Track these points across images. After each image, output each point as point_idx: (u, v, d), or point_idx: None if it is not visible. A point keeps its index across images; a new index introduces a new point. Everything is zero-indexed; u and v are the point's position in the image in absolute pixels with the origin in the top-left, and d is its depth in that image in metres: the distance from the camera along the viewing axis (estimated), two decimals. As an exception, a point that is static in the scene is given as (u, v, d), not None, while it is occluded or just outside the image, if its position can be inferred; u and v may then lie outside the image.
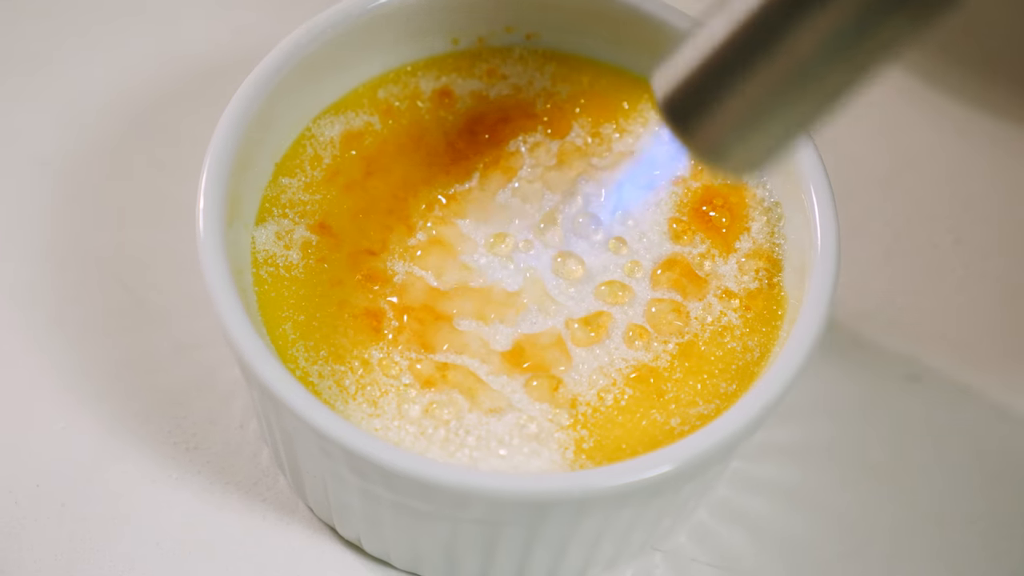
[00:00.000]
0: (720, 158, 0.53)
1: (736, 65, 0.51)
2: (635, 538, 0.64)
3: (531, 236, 0.65)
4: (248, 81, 0.63)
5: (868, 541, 0.68)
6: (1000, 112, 0.80)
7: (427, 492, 0.57)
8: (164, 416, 0.69)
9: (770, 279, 0.64)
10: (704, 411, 0.62)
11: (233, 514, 0.67)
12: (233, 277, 0.60)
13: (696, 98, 0.52)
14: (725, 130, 0.52)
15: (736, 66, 0.51)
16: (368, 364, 0.62)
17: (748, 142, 0.53)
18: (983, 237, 0.76)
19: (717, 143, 0.53)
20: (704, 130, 0.53)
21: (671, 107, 0.53)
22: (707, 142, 0.53)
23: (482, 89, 0.68)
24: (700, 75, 0.52)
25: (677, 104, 0.53)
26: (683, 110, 0.53)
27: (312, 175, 0.66)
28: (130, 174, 0.75)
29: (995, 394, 0.72)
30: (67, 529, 0.66)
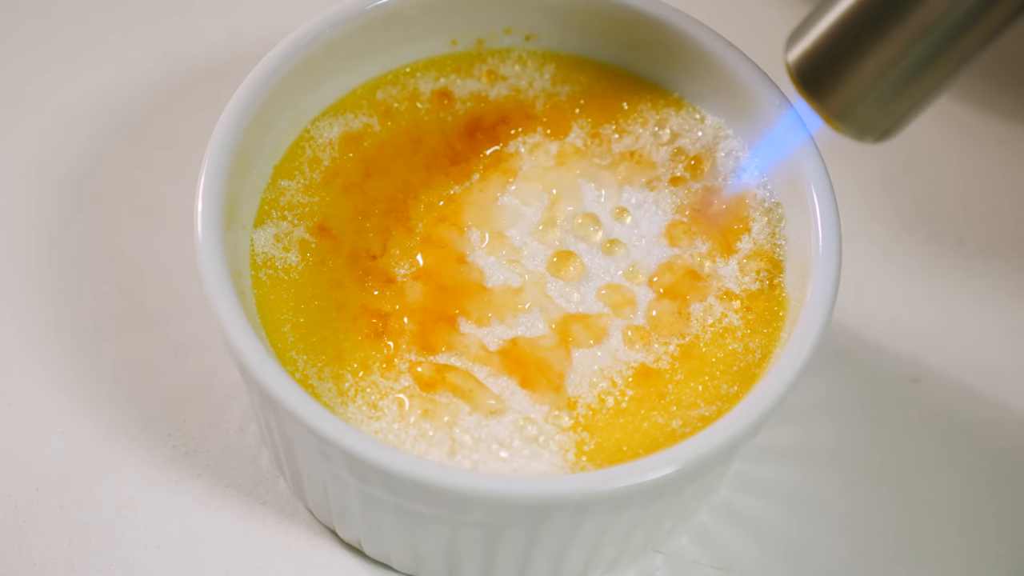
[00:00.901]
0: (854, 123, 0.56)
1: (868, 27, 0.54)
2: (636, 540, 0.64)
3: (530, 238, 0.65)
4: (246, 83, 0.63)
5: (869, 542, 0.68)
6: (1002, 112, 0.80)
7: (427, 495, 0.57)
8: (163, 419, 0.69)
9: (771, 280, 0.64)
10: (705, 413, 0.62)
11: (233, 517, 0.67)
12: (232, 280, 0.60)
13: (829, 62, 0.55)
14: (858, 94, 0.55)
15: (868, 28, 0.54)
16: (368, 366, 0.62)
17: (882, 105, 0.55)
18: (985, 238, 0.76)
19: (851, 107, 0.55)
20: (839, 99, 0.55)
21: (804, 73, 0.55)
22: (841, 106, 0.55)
23: (481, 90, 0.68)
24: (832, 39, 0.54)
25: (810, 69, 0.55)
26: (816, 75, 0.55)
27: (311, 177, 0.66)
28: (128, 177, 0.75)
29: (996, 395, 0.72)
30: (67, 533, 0.66)
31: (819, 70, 0.55)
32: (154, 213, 0.73)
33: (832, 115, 0.56)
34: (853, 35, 0.54)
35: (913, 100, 0.55)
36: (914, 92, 0.55)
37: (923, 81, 0.54)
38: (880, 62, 0.54)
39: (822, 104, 0.56)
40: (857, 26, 0.54)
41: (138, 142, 0.75)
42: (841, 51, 0.54)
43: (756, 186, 0.66)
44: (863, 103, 0.55)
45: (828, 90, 0.55)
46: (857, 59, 0.54)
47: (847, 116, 0.56)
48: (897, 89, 0.54)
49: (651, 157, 0.67)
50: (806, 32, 0.56)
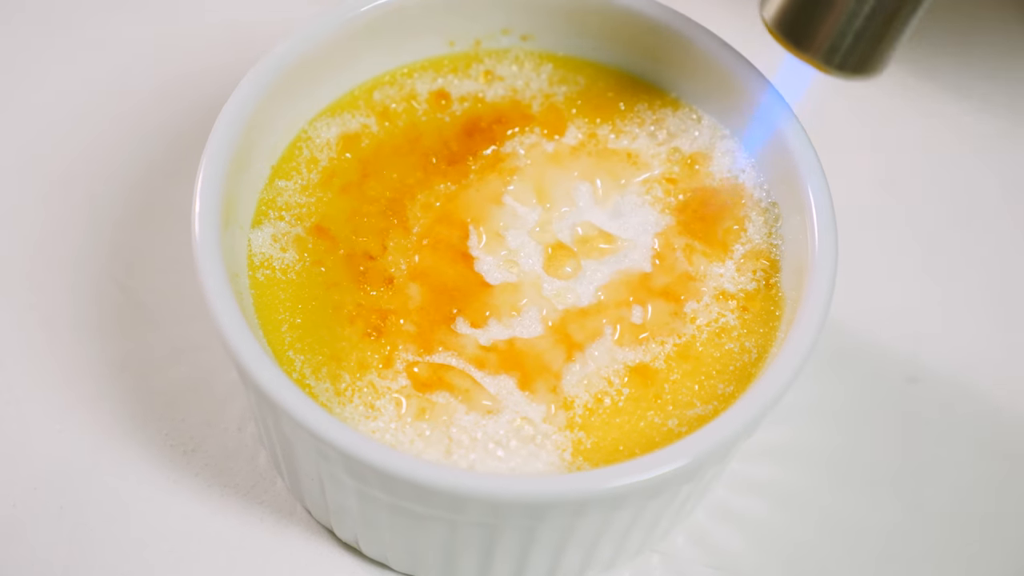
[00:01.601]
0: (842, 61, 0.57)
1: None
2: (633, 540, 0.64)
3: (527, 238, 0.65)
4: (244, 83, 0.63)
5: (865, 542, 0.68)
6: (1000, 111, 0.80)
7: (424, 495, 0.57)
8: (162, 419, 0.69)
9: (768, 280, 0.64)
10: (702, 412, 0.62)
11: (231, 516, 0.67)
12: (229, 280, 0.60)
13: (803, 9, 0.56)
14: (837, 31, 0.56)
15: None
16: (365, 366, 0.62)
17: (861, 40, 0.56)
18: (982, 238, 0.76)
19: (834, 47, 0.56)
20: (819, 38, 0.57)
21: (785, 28, 0.57)
22: (823, 48, 0.57)
23: (478, 91, 0.68)
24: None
25: (789, 23, 0.57)
26: (796, 27, 0.57)
27: (308, 177, 0.66)
28: (127, 177, 0.75)
29: (993, 395, 0.72)
30: (65, 532, 0.66)
31: (794, 16, 0.57)
32: (152, 213, 0.74)
33: (817, 56, 0.57)
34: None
35: (887, 27, 0.56)
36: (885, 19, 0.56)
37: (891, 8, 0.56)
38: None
39: (805, 48, 0.57)
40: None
41: (136, 142, 0.75)
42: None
43: (753, 186, 0.66)
44: (842, 37, 0.56)
45: (807, 33, 0.57)
46: None
47: (831, 54, 0.57)
48: (868, 19, 0.56)
49: (648, 157, 0.67)
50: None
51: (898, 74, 0.80)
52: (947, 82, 0.80)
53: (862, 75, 0.58)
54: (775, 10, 0.58)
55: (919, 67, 0.81)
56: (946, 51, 0.81)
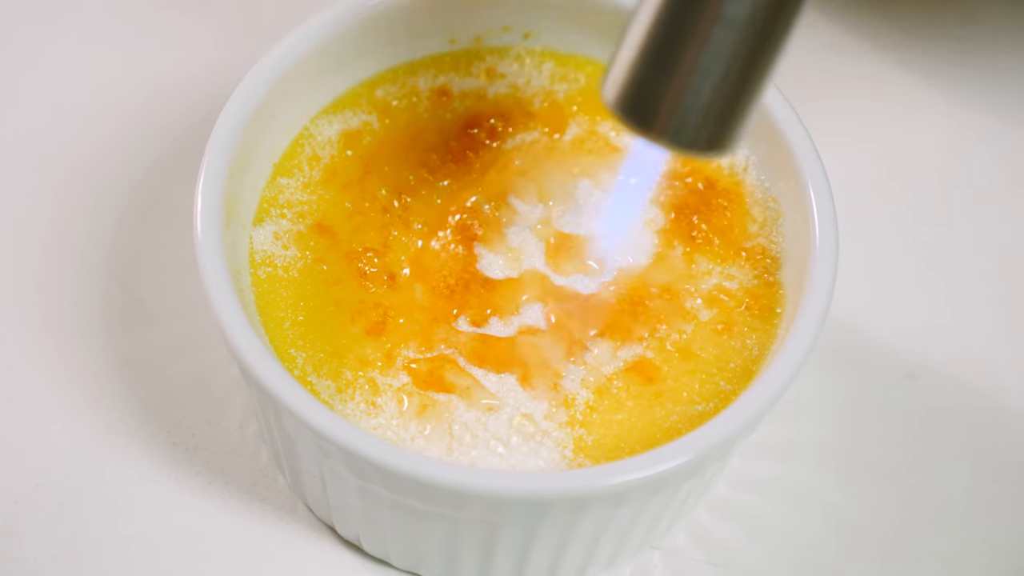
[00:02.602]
0: (690, 140, 0.53)
1: (664, 41, 0.52)
2: (634, 537, 0.64)
3: (529, 235, 0.65)
4: (245, 82, 0.63)
5: (866, 539, 0.68)
6: (998, 110, 0.80)
7: (425, 491, 0.57)
8: (163, 416, 0.69)
9: (769, 277, 0.64)
10: (703, 409, 0.62)
11: (232, 514, 0.67)
12: (231, 277, 0.60)
13: (643, 89, 0.53)
14: (682, 109, 0.53)
15: (665, 42, 0.52)
16: (366, 363, 0.62)
17: (707, 117, 0.53)
18: (981, 235, 0.76)
19: (681, 126, 0.53)
20: (663, 117, 0.53)
21: (625, 108, 0.54)
22: (669, 128, 0.53)
23: (480, 88, 0.68)
24: (639, 66, 0.53)
25: (630, 104, 0.53)
26: (637, 107, 0.53)
27: (310, 175, 0.66)
28: (129, 176, 0.75)
29: (993, 392, 0.72)
30: (66, 529, 0.66)
31: (635, 96, 0.53)
32: (155, 211, 0.74)
33: (663, 138, 0.54)
34: (655, 54, 0.53)
35: (734, 100, 0.53)
36: (731, 92, 0.53)
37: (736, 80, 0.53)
38: (688, 72, 0.52)
39: (651, 129, 0.54)
40: (656, 44, 0.53)
41: (139, 141, 0.75)
42: (650, 72, 0.53)
43: (753, 183, 0.66)
44: (688, 114, 0.53)
45: (651, 113, 0.53)
46: (667, 75, 0.52)
47: (679, 133, 0.53)
48: (714, 93, 0.53)
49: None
50: (613, 66, 0.54)
51: (896, 72, 0.80)
52: (945, 80, 0.80)
53: (715, 152, 0.54)
54: (615, 91, 0.54)
55: (917, 65, 0.81)
56: (945, 49, 0.81)
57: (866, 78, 0.80)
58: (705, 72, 0.52)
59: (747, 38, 0.52)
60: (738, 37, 0.51)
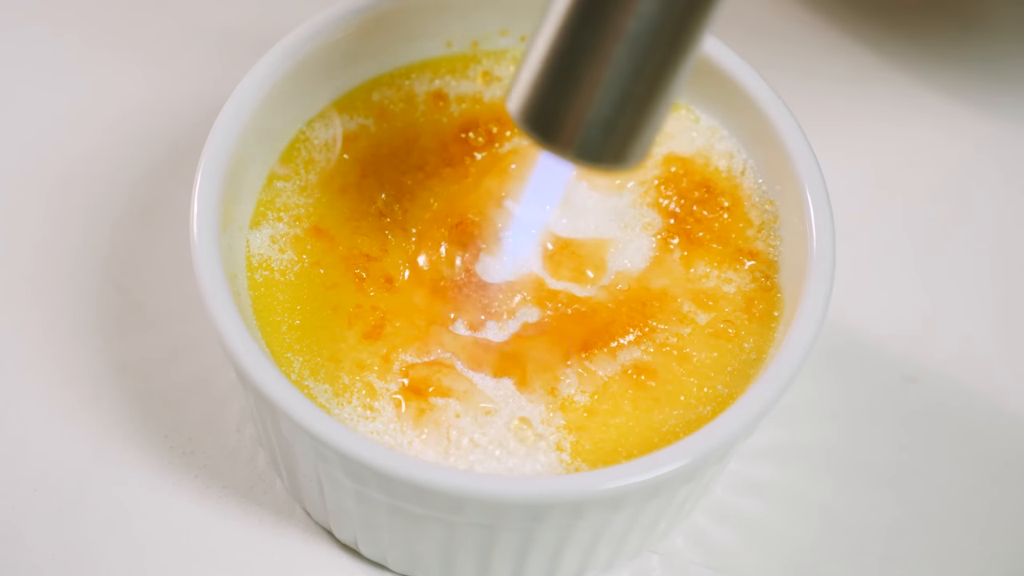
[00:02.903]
0: (594, 154, 0.53)
1: (568, 54, 0.52)
2: (632, 540, 0.64)
3: (526, 238, 0.65)
4: (242, 85, 0.63)
5: (865, 542, 0.68)
6: (996, 111, 0.80)
7: (422, 495, 0.57)
8: (160, 420, 0.69)
9: (766, 280, 0.64)
10: (701, 412, 0.62)
11: (230, 518, 0.67)
12: (228, 281, 0.60)
13: (548, 101, 0.52)
14: (586, 122, 0.52)
15: (569, 55, 0.52)
16: (363, 367, 0.62)
17: (611, 131, 0.52)
18: (979, 236, 0.76)
19: (585, 139, 0.53)
20: (567, 129, 0.52)
21: (529, 120, 0.53)
22: (574, 140, 0.53)
23: (476, 92, 0.68)
24: (543, 80, 0.52)
25: (534, 117, 0.53)
26: (541, 119, 0.53)
27: (307, 179, 0.66)
28: (125, 179, 0.75)
29: (990, 394, 0.72)
30: (63, 533, 0.66)
31: (540, 108, 0.53)
32: (151, 214, 0.74)
33: (568, 151, 0.53)
34: (559, 67, 0.52)
35: (638, 115, 0.53)
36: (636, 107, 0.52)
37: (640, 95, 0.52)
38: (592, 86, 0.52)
39: (555, 142, 0.53)
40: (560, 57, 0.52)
41: (136, 144, 0.75)
42: (554, 85, 0.52)
43: (750, 187, 0.66)
44: (593, 128, 0.52)
45: (556, 126, 0.53)
46: (571, 88, 0.52)
47: (584, 147, 0.53)
48: (617, 107, 0.52)
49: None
50: (518, 77, 0.53)
51: (895, 75, 0.80)
52: (943, 82, 0.80)
53: (620, 166, 0.53)
54: (520, 103, 0.53)
55: (916, 67, 0.81)
56: (943, 51, 0.81)
57: (864, 81, 0.80)
58: (609, 87, 0.52)
59: (651, 53, 0.51)
60: (642, 52, 0.51)
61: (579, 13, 0.51)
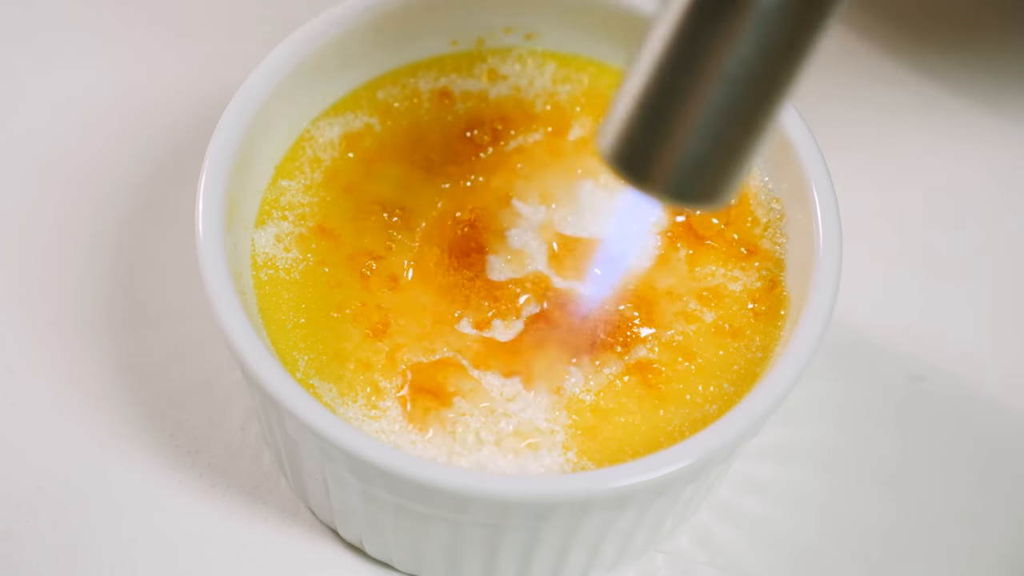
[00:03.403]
0: (684, 194, 0.53)
1: (664, 95, 0.51)
2: (637, 540, 0.64)
3: (531, 236, 0.65)
4: (247, 83, 0.63)
5: (870, 541, 0.68)
6: (1005, 109, 0.80)
7: (428, 495, 0.57)
8: (165, 419, 0.69)
9: (772, 278, 0.64)
10: (707, 411, 0.62)
11: (235, 517, 0.67)
12: (233, 280, 0.60)
13: (640, 142, 0.52)
14: (679, 163, 0.52)
15: (665, 96, 0.51)
16: (369, 366, 0.62)
17: (704, 171, 0.52)
18: (987, 236, 0.76)
19: (677, 180, 0.52)
20: (659, 170, 0.52)
21: (622, 161, 0.53)
22: (666, 181, 0.52)
23: (482, 90, 0.68)
24: (637, 119, 0.52)
25: (626, 156, 0.53)
26: (633, 159, 0.52)
27: (312, 177, 0.66)
28: (131, 179, 0.75)
29: (998, 393, 0.72)
30: (68, 532, 0.66)
31: (632, 149, 0.52)
32: (157, 214, 0.74)
33: (659, 191, 0.53)
34: (653, 108, 0.52)
35: (731, 156, 0.52)
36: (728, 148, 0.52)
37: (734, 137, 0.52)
38: (686, 128, 0.51)
39: (647, 182, 0.53)
40: (654, 98, 0.51)
41: (141, 144, 0.75)
42: (647, 126, 0.52)
43: (756, 184, 0.66)
44: (684, 169, 0.52)
45: (648, 167, 0.52)
46: (664, 130, 0.51)
47: (676, 187, 0.52)
48: (711, 150, 0.52)
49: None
50: (610, 117, 0.53)
51: (901, 74, 0.80)
52: (951, 80, 0.80)
53: (711, 205, 0.53)
54: (612, 143, 0.53)
55: (923, 66, 0.80)
56: (950, 50, 0.81)
57: (870, 79, 0.80)
58: (703, 129, 0.51)
59: (746, 96, 0.51)
60: (737, 95, 0.50)
61: (677, 54, 0.50)
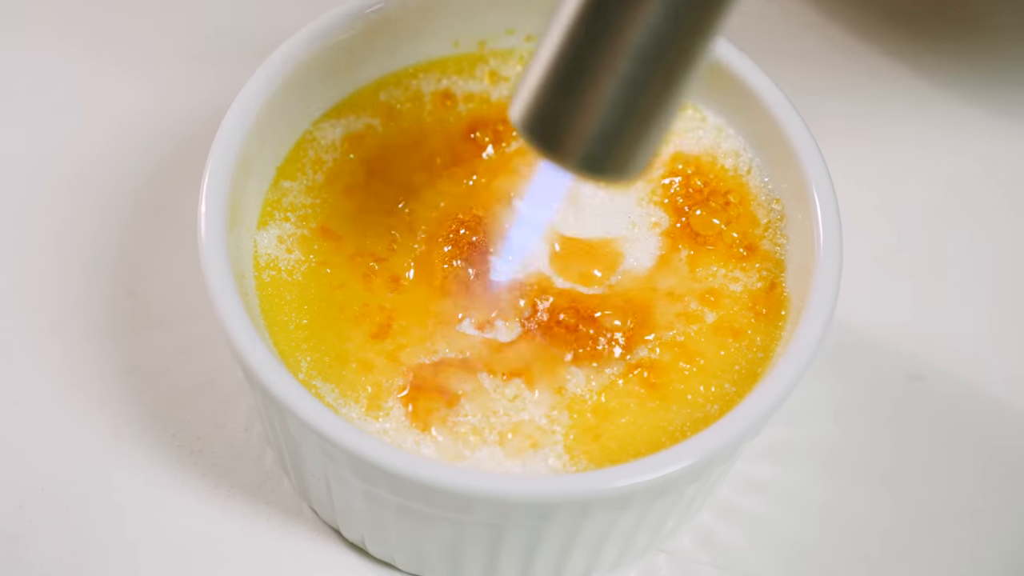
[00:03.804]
0: (596, 166, 0.53)
1: (573, 66, 0.51)
2: (639, 539, 0.64)
3: (533, 237, 0.65)
4: (249, 86, 0.63)
5: (871, 541, 0.68)
6: (1004, 109, 0.80)
7: (430, 495, 0.57)
8: (168, 419, 0.69)
9: (773, 279, 0.64)
10: (708, 411, 0.62)
11: (237, 517, 0.67)
12: (235, 281, 0.60)
13: (550, 112, 0.52)
14: (589, 135, 0.52)
15: (574, 67, 0.51)
16: (371, 367, 0.62)
17: (614, 144, 0.52)
18: (987, 235, 0.76)
19: (588, 151, 0.52)
20: (569, 141, 0.52)
21: (532, 131, 0.53)
22: (576, 152, 0.52)
23: (483, 91, 0.68)
24: (548, 91, 0.52)
25: (537, 127, 0.52)
26: (544, 130, 0.52)
27: (314, 178, 0.66)
28: (132, 179, 0.75)
29: (998, 393, 0.72)
30: (71, 533, 0.67)
31: (543, 119, 0.52)
32: (159, 214, 0.74)
33: (570, 162, 0.53)
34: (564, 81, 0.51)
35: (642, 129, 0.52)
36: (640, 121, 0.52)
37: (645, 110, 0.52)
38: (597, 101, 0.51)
39: (558, 153, 0.52)
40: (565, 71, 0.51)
41: (144, 146, 0.75)
42: (559, 98, 0.52)
43: (757, 185, 0.66)
44: (595, 143, 0.52)
45: (559, 137, 0.52)
46: (575, 102, 0.51)
47: (588, 160, 0.52)
48: (621, 121, 0.52)
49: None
50: (522, 86, 0.53)
51: (901, 74, 0.80)
52: (950, 80, 0.80)
53: (622, 179, 0.53)
54: (523, 112, 0.53)
55: (922, 66, 0.81)
56: (950, 50, 0.81)
57: (871, 79, 0.80)
58: (613, 100, 0.51)
59: (657, 67, 0.51)
60: (648, 67, 0.50)
61: (586, 25, 0.50)
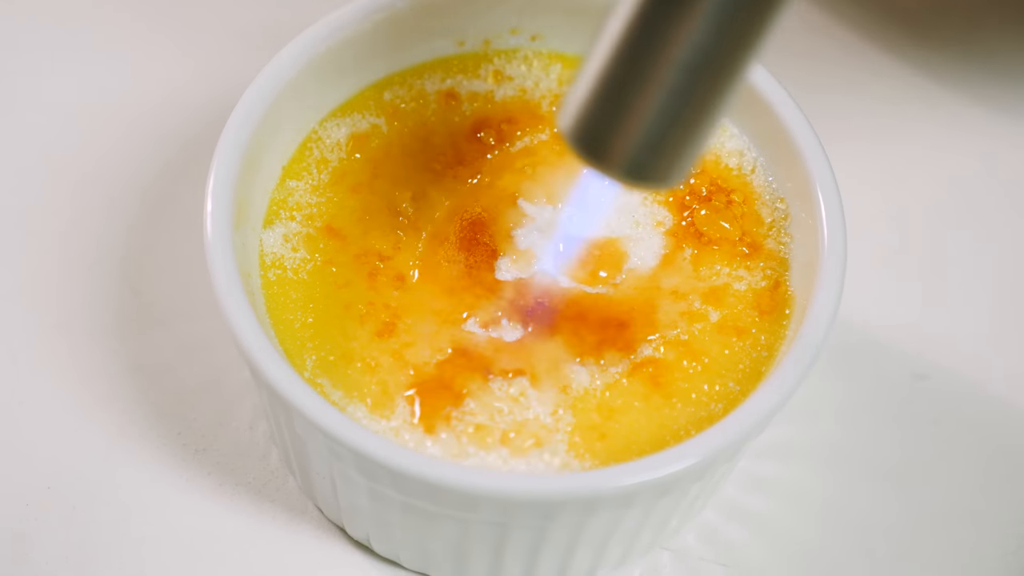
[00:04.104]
0: (641, 174, 0.54)
1: (622, 79, 0.53)
2: (643, 537, 0.64)
3: (538, 237, 0.65)
4: (255, 84, 0.63)
5: (875, 539, 0.68)
6: (1007, 107, 0.80)
7: (435, 493, 0.57)
8: (174, 418, 0.69)
9: (777, 278, 0.64)
10: (712, 410, 0.62)
11: (243, 515, 0.67)
12: (241, 280, 0.60)
13: (599, 123, 0.53)
14: (636, 144, 0.53)
15: (622, 80, 0.53)
16: (376, 365, 0.62)
17: (660, 153, 0.54)
18: (991, 234, 0.76)
19: (634, 160, 0.54)
20: (616, 151, 0.53)
21: (581, 141, 0.54)
22: (623, 161, 0.54)
23: (488, 91, 0.68)
24: (596, 102, 0.53)
25: (585, 137, 0.54)
26: (592, 140, 0.54)
27: (319, 178, 0.66)
28: (138, 178, 0.75)
29: (1002, 392, 0.72)
30: (77, 531, 0.67)
31: (591, 129, 0.54)
32: (165, 213, 0.74)
33: (617, 172, 0.54)
34: (611, 91, 0.53)
35: (686, 138, 0.54)
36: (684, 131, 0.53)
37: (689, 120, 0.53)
38: (643, 111, 0.53)
39: (605, 163, 0.54)
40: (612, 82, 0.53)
41: (149, 145, 0.76)
42: (606, 108, 0.53)
43: (761, 184, 0.66)
44: (643, 151, 0.53)
45: (605, 147, 0.54)
46: (622, 112, 0.53)
47: (633, 168, 0.54)
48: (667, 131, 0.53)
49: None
50: (570, 97, 0.54)
51: (906, 73, 0.80)
52: (954, 79, 0.80)
53: (666, 185, 0.55)
54: (571, 122, 0.54)
55: (927, 66, 0.81)
56: (954, 49, 0.81)
57: (874, 79, 0.80)
58: (660, 112, 0.53)
59: (702, 81, 0.52)
60: (694, 81, 0.52)
61: (635, 41, 0.52)
